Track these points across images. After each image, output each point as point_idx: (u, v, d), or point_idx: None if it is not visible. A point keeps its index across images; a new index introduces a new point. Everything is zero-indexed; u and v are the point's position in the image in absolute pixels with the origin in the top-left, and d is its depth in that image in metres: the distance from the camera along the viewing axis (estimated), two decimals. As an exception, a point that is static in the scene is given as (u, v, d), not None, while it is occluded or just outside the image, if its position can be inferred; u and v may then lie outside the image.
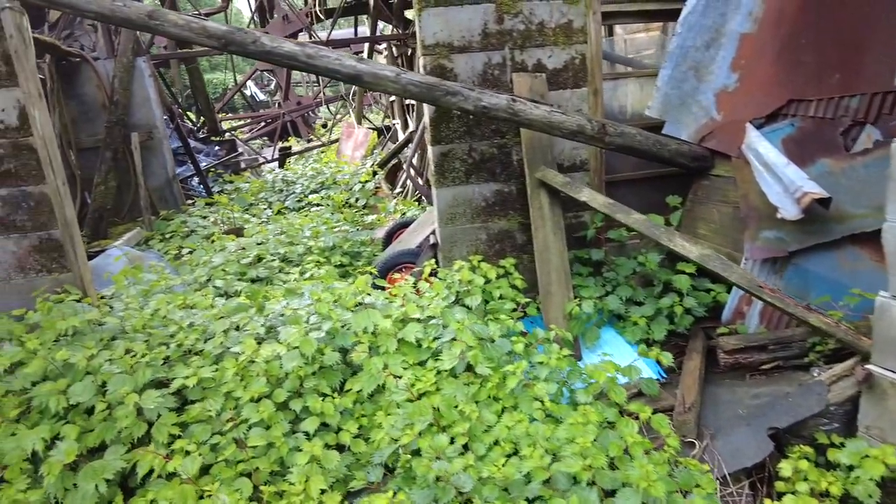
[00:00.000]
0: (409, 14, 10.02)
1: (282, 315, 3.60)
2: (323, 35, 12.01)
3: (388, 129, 12.41)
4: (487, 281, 3.93)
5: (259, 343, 3.33)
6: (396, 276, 4.81)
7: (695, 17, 4.18)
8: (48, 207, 4.08)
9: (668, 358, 3.19)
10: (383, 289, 4.23)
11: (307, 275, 4.92)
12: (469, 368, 3.21)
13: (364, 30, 13.99)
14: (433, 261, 4.44)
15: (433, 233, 4.71)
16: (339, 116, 17.24)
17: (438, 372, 3.15)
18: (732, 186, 4.09)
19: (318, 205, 8.34)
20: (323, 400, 2.97)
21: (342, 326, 3.31)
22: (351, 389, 3.08)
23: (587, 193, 3.73)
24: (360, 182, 8.49)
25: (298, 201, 8.78)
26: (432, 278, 4.30)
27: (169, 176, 7.97)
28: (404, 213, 7.00)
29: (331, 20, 11.69)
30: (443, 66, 4.21)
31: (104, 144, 7.33)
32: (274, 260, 5.09)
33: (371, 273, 4.23)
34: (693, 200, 4.49)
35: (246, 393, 2.89)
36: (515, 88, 4.24)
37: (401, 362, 3.20)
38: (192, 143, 10.26)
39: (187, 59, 10.94)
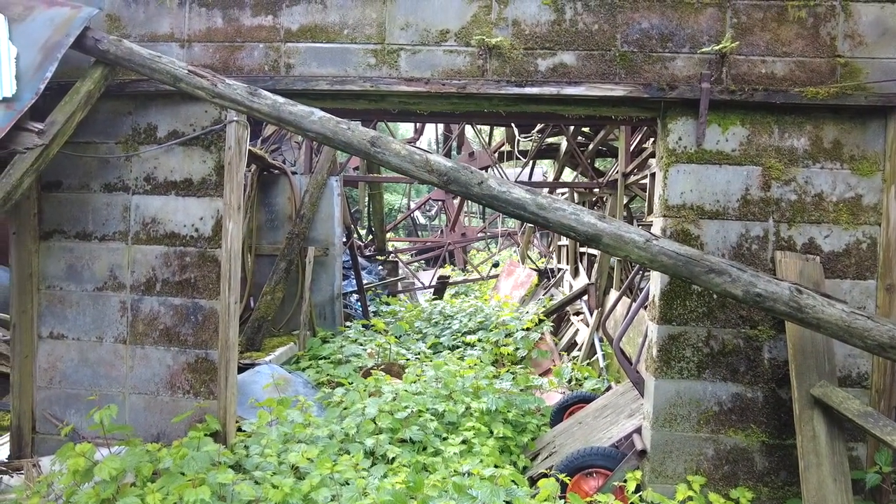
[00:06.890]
0: (598, 163, 9.61)
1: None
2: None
3: (553, 272, 11.71)
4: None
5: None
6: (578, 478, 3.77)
7: None
8: (214, 325, 3.71)
9: None
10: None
11: (462, 437, 4.15)
12: None
13: (537, 171, 13.91)
14: (637, 472, 3.39)
15: (638, 431, 3.68)
16: (496, 251, 17.07)
17: None
18: None
19: (473, 346, 7.63)
20: None
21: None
22: None
23: (905, 439, 2.56)
24: (522, 329, 7.70)
25: (453, 338, 8.14)
26: (634, 496, 3.27)
27: (334, 293, 7.78)
28: (580, 381, 5.99)
29: (512, 160, 11.66)
30: (687, 232, 3.41)
31: (281, 254, 7.35)
32: (432, 420, 4.31)
33: (557, 479, 3.28)
34: None
35: None
36: (780, 270, 3.30)
37: None
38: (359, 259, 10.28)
39: (373, 184, 11.32)
